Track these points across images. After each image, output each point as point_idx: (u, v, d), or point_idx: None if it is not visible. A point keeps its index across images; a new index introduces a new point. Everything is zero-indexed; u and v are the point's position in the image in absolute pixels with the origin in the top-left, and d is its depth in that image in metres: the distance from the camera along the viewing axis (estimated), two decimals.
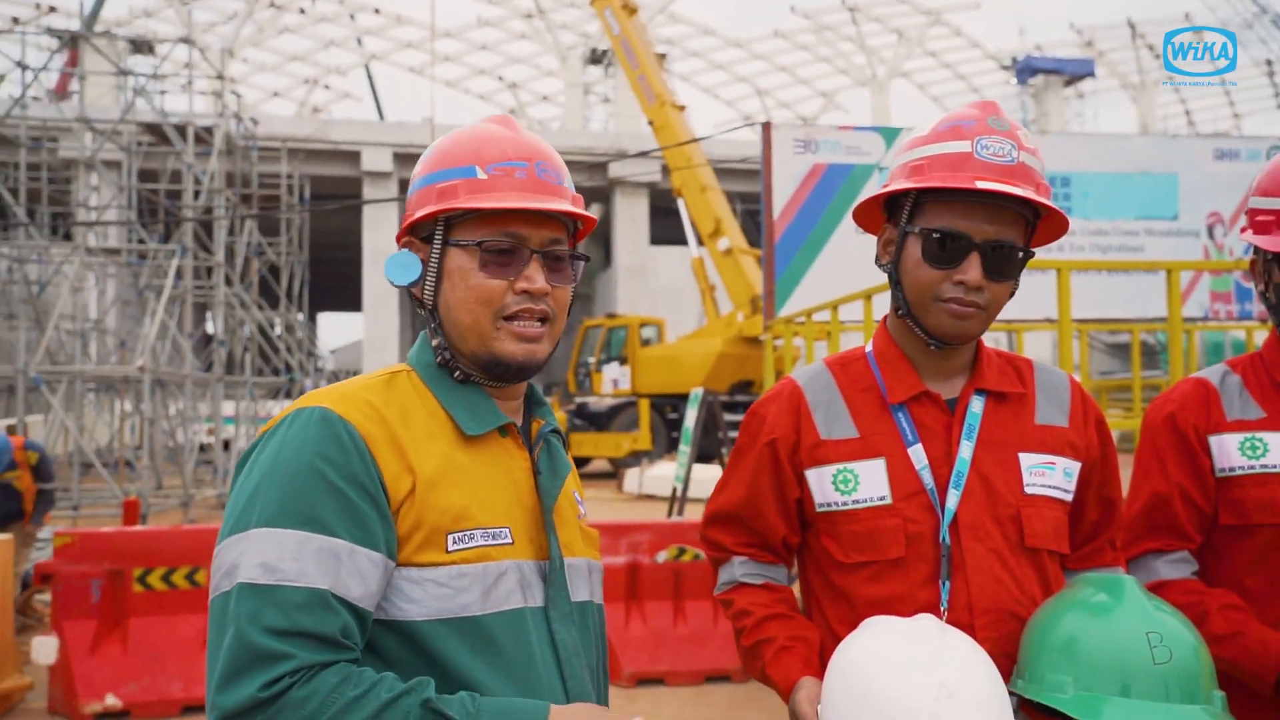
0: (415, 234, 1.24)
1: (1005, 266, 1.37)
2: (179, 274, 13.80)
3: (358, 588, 1.05)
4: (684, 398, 14.70)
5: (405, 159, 24.49)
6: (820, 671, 1.33)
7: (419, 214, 1.21)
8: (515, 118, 1.28)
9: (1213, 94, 38.60)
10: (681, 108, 16.42)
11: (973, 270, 1.35)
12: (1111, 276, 7.79)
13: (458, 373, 1.23)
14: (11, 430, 10.55)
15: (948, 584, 1.37)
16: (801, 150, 7.95)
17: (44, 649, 4.52)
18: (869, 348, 1.54)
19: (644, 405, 16.37)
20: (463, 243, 1.20)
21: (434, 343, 1.23)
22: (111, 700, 4.47)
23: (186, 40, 14.68)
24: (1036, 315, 7.99)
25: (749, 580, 1.53)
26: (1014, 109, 34.85)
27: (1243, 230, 1.66)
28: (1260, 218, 1.61)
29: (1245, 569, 1.60)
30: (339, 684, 0.99)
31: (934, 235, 1.37)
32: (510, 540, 1.16)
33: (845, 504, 1.43)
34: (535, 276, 1.19)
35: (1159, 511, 1.64)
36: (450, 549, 1.11)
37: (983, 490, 1.40)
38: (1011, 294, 1.42)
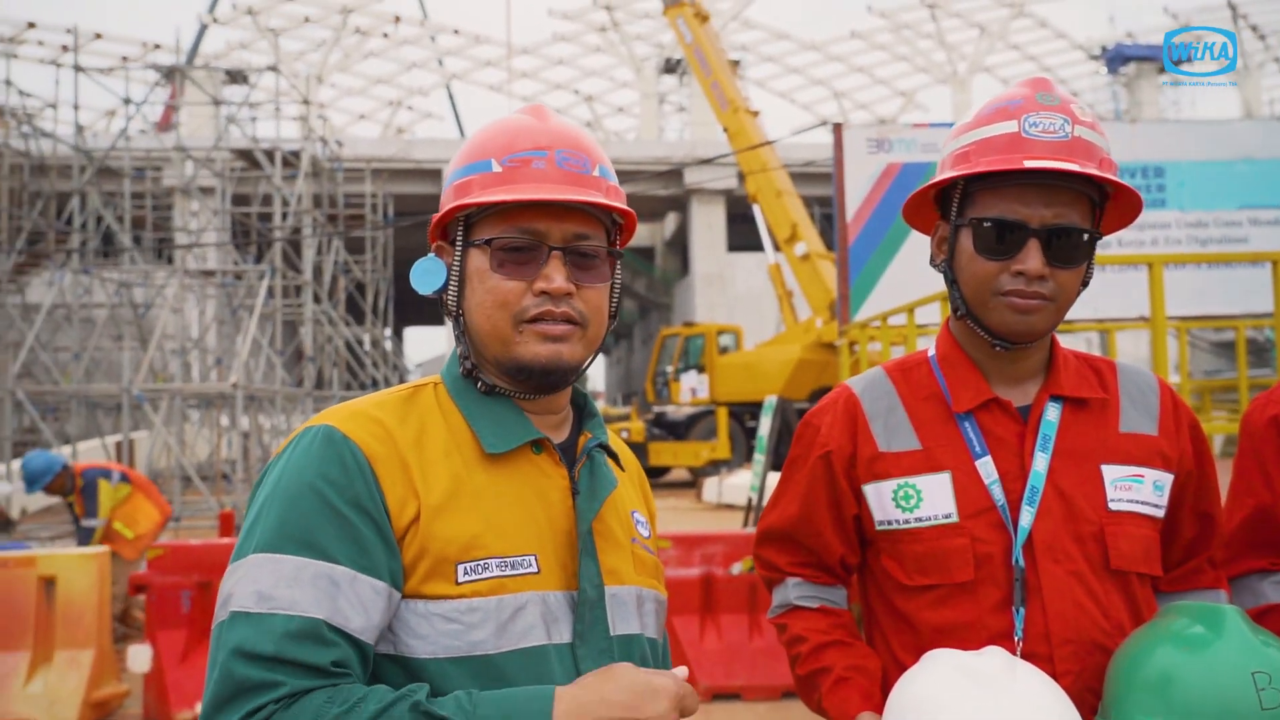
0: (445, 237, 1.17)
1: (1070, 252, 1.25)
2: (269, 293, 14.35)
3: (358, 618, 0.97)
4: (762, 405, 14.57)
5: None
6: (880, 705, 1.24)
7: (437, 215, 1.16)
8: (591, 130, 1.20)
9: None
10: (755, 113, 16.31)
11: (1032, 259, 1.23)
12: (1212, 270, 7.36)
13: (480, 384, 1.13)
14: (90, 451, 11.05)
15: (1022, 611, 1.25)
16: (875, 150, 7.76)
17: (139, 657, 4.70)
18: (932, 352, 1.42)
19: (722, 413, 16.25)
20: (478, 242, 1.11)
21: (458, 351, 1.15)
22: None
23: (274, 69, 15.27)
24: (1131, 314, 7.60)
25: (804, 603, 1.43)
26: (1105, 99, 33.52)
27: None
28: None
29: None
30: (324, 704, 0.91)
31: (986, 224, 1.27)
32: (535, 569, 1.05)
33: (907, 522, 1.32)
34: (553, 275, 1.07)
35: (1263, 526, 1.49)
36: (460, 580, 1.01)
37: (1061, 507, 1.28)
38: (1086, 283, 1.30)
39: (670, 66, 31.99)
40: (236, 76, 22.42)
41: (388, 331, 21.61)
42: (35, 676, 4.56)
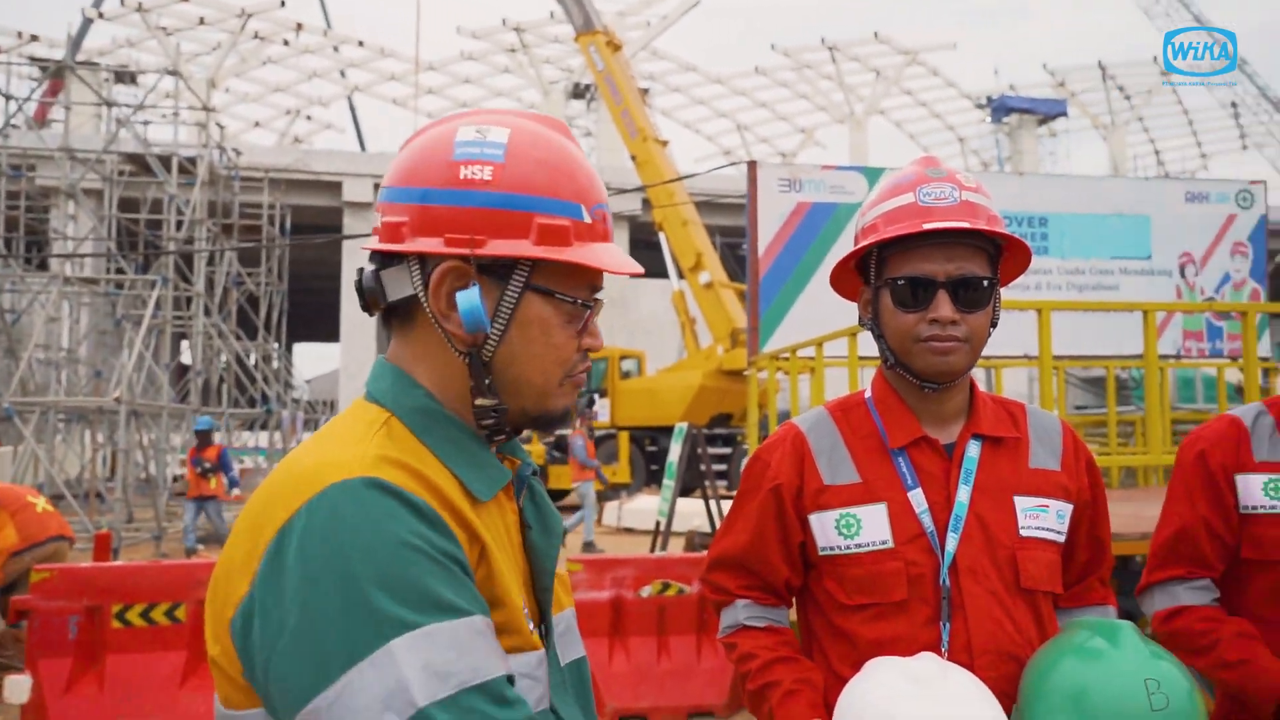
0: (472, 261, 0.95)
1: (974, 298, 1.43)
2: (158, 304, 13.72)
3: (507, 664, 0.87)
4: (663, 430, 14.75)
5: None
6: (826, 714, 1.35)
7: (513, 252, 0.94)
8: None
9: (1181, 134, 39.54)
10: (664, 142, 16.60)
11: (943, 307, 1.41)
12: (1087, 315, 7.94)
13: (451, 425, 0.98)
14: None
15: (948, 625, 1.40)
16: (786, 189, 8.07)
17: (16, 689, 4.43)
18: (868, 394, 1.58)
19: (623, 438, 16.35)
20: (558, 295, 0.98)
21: (486, 403, 0.98)
22: None
23: (174, 72, 14.71)
24: (1015, 351, 8.11)
25: (753, 623, 1.55)
26: (989, 147, 35.50)
27: None
28: None
29: (1263, 600, 1.70)
30: None
31: (900, 283, 1.44)
32: (532, 624, 0.98)
33: (848, 548, 1.46)
34: (598, 331, 1.04)
35: (1184, 542, 1.75)
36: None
37: (980, 533, 1.44)
38: (994, 324, 1.48)
39: (579, 91, 32.21)
40: (124, 76, 21.42)
41: (278, 346, 20.89)
42: None
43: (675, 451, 7.26)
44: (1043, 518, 1.47)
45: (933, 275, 1.42)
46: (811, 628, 1.55)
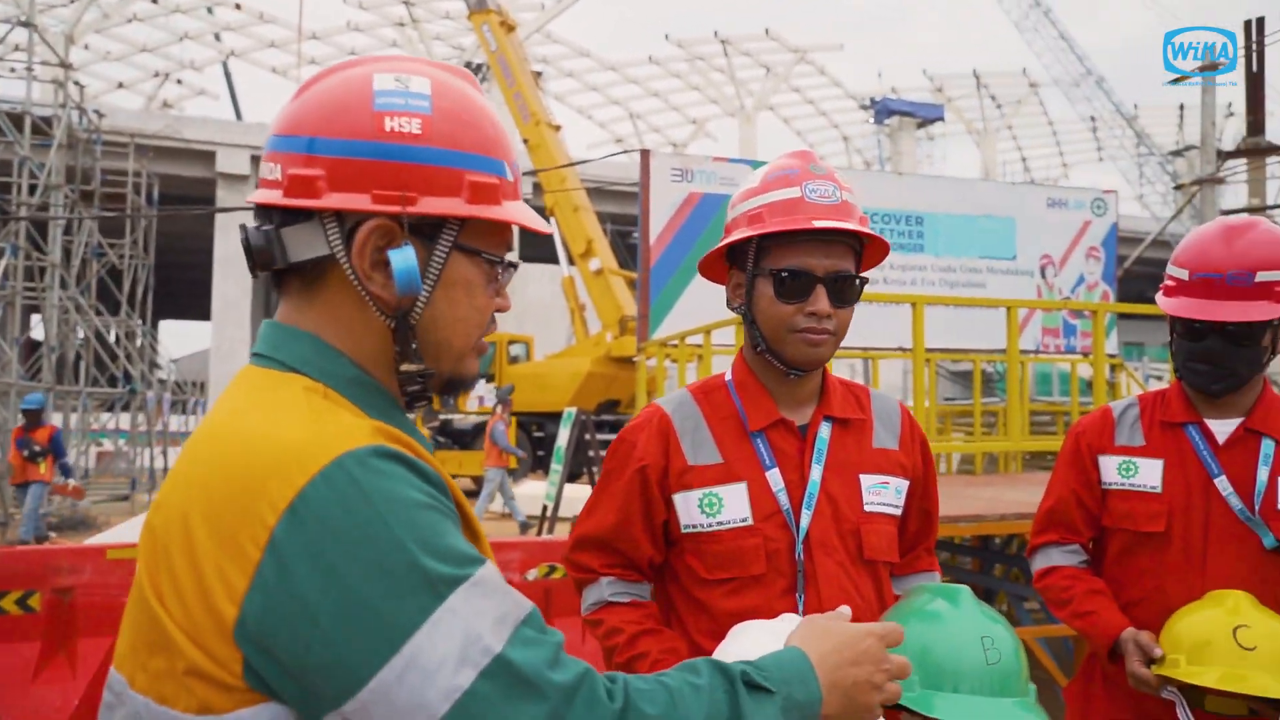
0: (405, 220, 0.90)
1: (846, 294, 1.52)
2: (6, 274, 12.74)
3: None
4: (550, 416, 14.73)
5: None
6: None
7: (449, 210, 0.92)
8: None
9: (1046, 144, 42.02)
10: (557, 127, 16.50)
11: (821, 301, 1.48)
12: (957, 310, 8.38)
13: (381, 395, 0.95)
14: None
15: (802, 596, 1.49)
16: (678, 179, 8.17)
17: None
18: (728, 376, 1.64)
19: (510, 423, 16.24)
20: (485, 255, 0.96)
21: (412, 369, 0.95)
22: None
23: (26, 24, 13.63)
24: (890, 344, 8.48)
25: (617, 599, 1.59)
26: (872, 146, 36.80)
27: (1161, 290, 1.95)
28: (1168, 282, 1.91)
29: (1114, 562, 2.00)
30: (642, 685, 0.87)
31: (783, 274, 1.50)
32: None
33: (710, 525, 1.51)
34: (507, 293, 1.02)
35: (1059, 512, 2.05)
36: None
37: (830, 509, 1.53)
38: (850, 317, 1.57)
39: (470, 71, 31.60)
40: None
41: (144, 323, 19.72)
42: None
43: (563, 437, 7.28)
44: (884, 494, 1.59)
45: (813, 270, 1.48)
46: (671, 600, 1.60)
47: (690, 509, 1.52)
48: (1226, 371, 1.84)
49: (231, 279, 23.35)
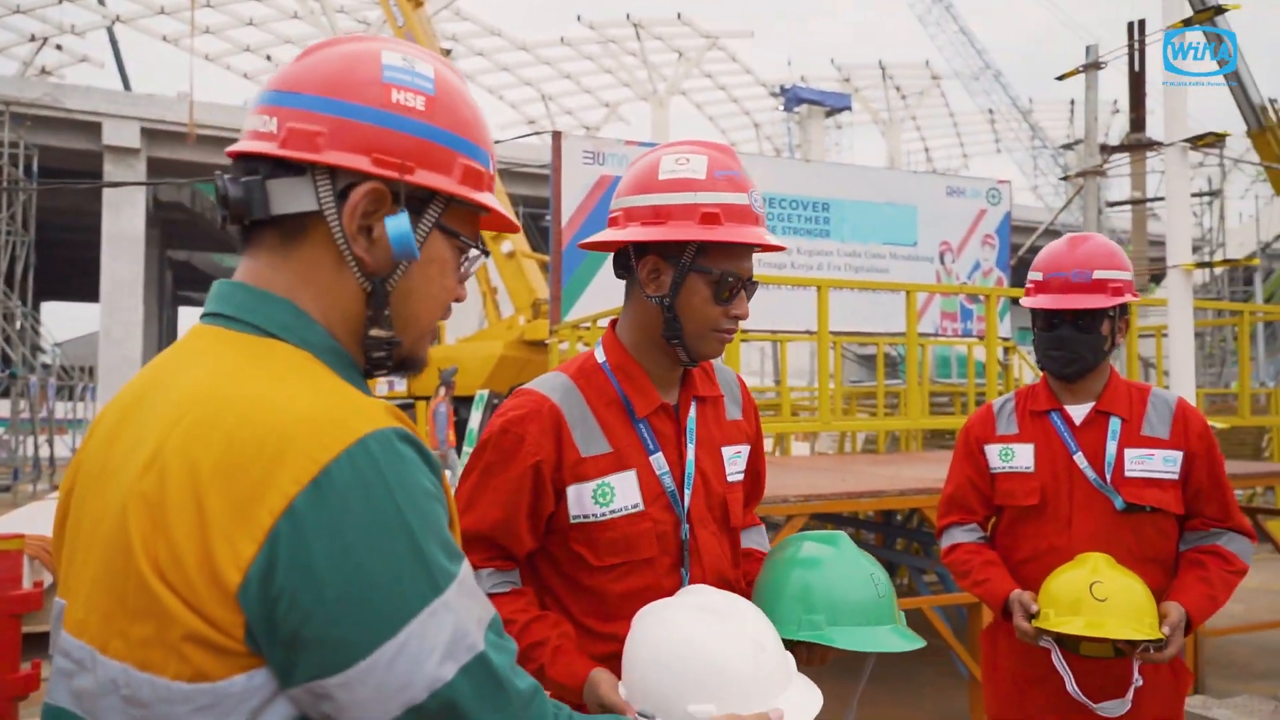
0: (402, 187, 0.93)
1: (751, 296, 1.59)
2: None
3: None
4: (463, 400, 14.58)
5: (156, 135, 22.17)
6: (591, 664, 1.44)
7: (444, 186, 0.95)
8: None
9: (947, 135, 43.44)
10: None
11: (745, 304, 1.56)
12: (862, 294, 8.63)
13: (353, 368, 0.97)
14: None
15: (688, 572, 1.55)
16: (590, 161, 8.17)
17: None
18: (602, 359, 1.62)
19: (421, 407, 15.99)
20: (462, 238, 1.00)
21: (381, 335, 0.96)
22: None
23: None
24: (798, 327, 8.69)
25: (498, 589, 1.56)
26: (782, 134, 37.38)
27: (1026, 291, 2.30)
28: (1029, 285, 2.28)
29: (1004, 532, 2.33)
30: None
31: (728, 279, 1.52)
32: None
33: (603, 515, 1.52)
34: (465, 287, 1.05)
35: (957, 496, 2.39)
36: None
37: (702, 485, 1.61)
38: None
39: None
40: None
41: (24, 305, 18.63)
42: None
43: (476, 420, 7.24)
44: (738, 463, 1.69)
45: (743, 275, 1.54)
46: (547, 584, 1.59)
47: (583, 500, 1.52)
48: (1075, 356, 2.19)
49: (122, 259, 22.14)
